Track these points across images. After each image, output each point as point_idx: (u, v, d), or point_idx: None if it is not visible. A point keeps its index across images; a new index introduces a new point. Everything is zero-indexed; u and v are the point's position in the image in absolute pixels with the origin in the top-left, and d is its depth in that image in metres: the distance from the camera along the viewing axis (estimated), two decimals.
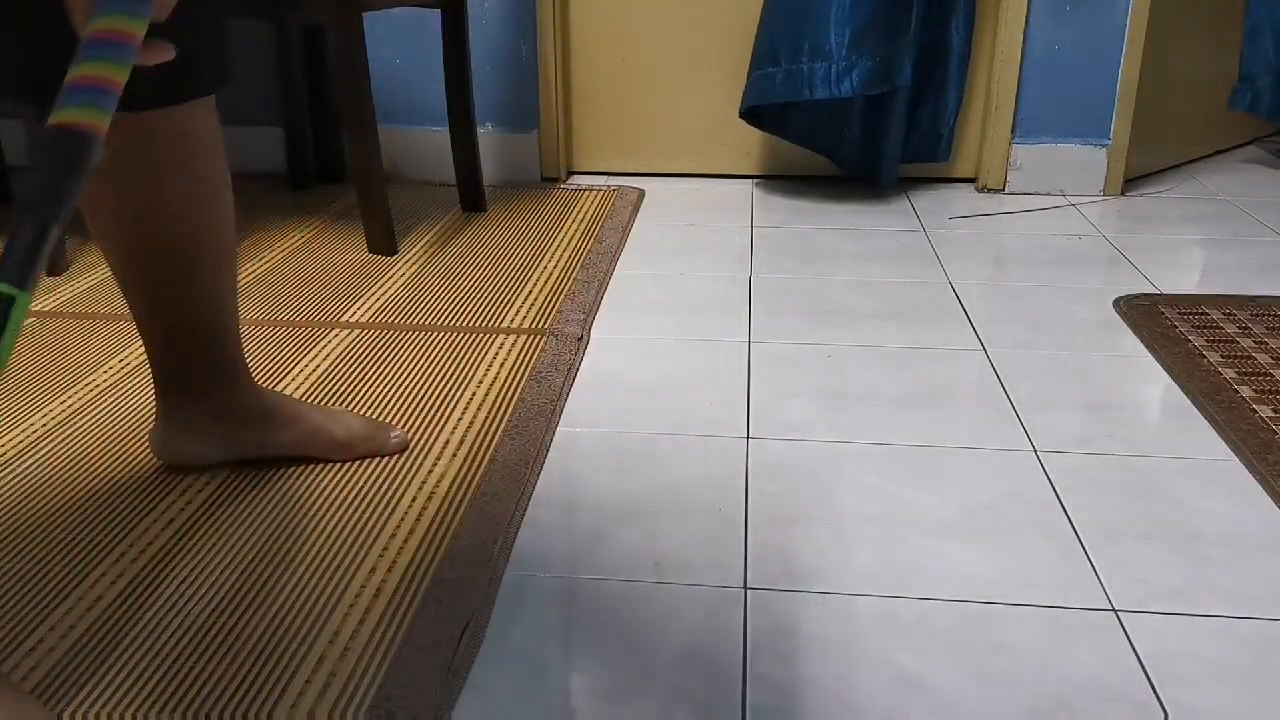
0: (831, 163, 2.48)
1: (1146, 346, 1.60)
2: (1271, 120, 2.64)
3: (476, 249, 2.05)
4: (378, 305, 1.76)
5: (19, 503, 1.17)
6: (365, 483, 1.21)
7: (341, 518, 1.15)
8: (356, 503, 1.18)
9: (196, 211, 1.10)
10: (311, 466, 1.24)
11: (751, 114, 2.34)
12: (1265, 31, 2.52)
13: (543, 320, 1.68)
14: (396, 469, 1.24)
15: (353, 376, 1.49)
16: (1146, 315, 1.71)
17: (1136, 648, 0.96)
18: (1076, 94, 2.40)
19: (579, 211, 2.28)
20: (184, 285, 1.12)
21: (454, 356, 1.55)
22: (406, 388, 1.45)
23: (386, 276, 1.90)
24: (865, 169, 2.42)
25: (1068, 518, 1.16)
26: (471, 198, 2.30)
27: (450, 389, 1.45)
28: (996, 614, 1.00)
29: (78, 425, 1.34)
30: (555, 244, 2.07)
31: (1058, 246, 2.08)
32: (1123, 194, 2.44)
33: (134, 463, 1.25)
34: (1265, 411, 1.38)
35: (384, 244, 2.01)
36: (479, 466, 1.25)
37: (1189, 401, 1.43)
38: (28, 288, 0.60)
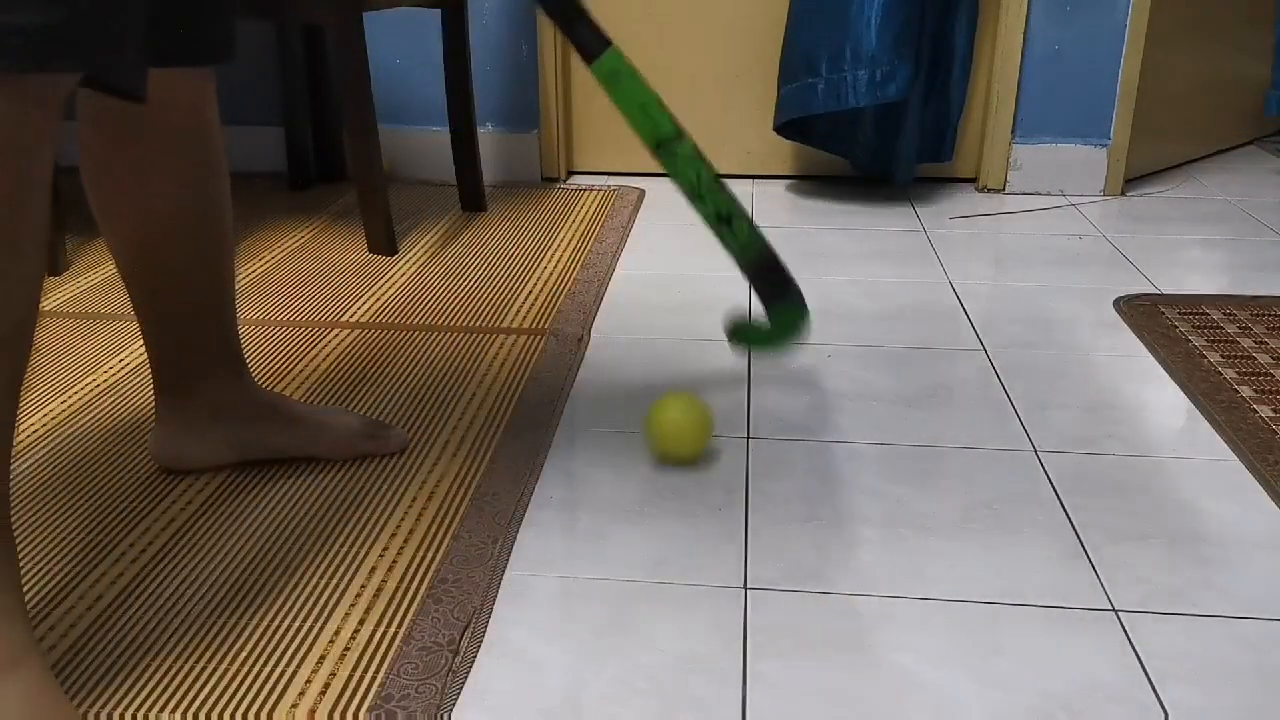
0: (837, 163, 2.48)
1: (1146, 346, 1.60)
2: None
3: (476, 249, 2.05)
4: (378, 305, 1.76)
5: (19, 502, 1.17)
6: (365, 483, 1.22)
7: (341, 518, 1.15)
8: (356, 503, 1.18)
9: (202, 195, 1.11)
10: (311, 466, 1.24)
11: (783, 127, 2.33)
12: None
13: (543, 320, 1.68)
14: (396, 469, 1.24)
15: (353, 376, 1.49)
16: (1146, 315, 1.71)
17: (1136, 648, 0.96)
18: (1076, 94, 2.40)
19: (579, 211, 2.28)
20: (187, 272, 1.13)
21: (454, 356, 1.55)
22: (406, 388, 1.46)
23: (386, 276, 1.90)
24: (881, 170, 2.41)
25: (1068, 518, 1.16)
26: (471, 198, 2.30)
27: (450, 389, 1.45)
28: (996, 614, 1.00)
29: (78, 425, 1.34)
30: (555, 244, 2.07)
31: (1058, 246, 2.08)
32: (1123, 194, 2.44)
33: (134, 463, 1.25)
34: (1265, 411, 1.38)
35: (384, 244, 2.01)
36: (479, 466, 1.25)
37: (1189, 401, 1.43)
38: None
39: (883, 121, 2.35)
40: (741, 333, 1.49)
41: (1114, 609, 1.01)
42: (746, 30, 2.45)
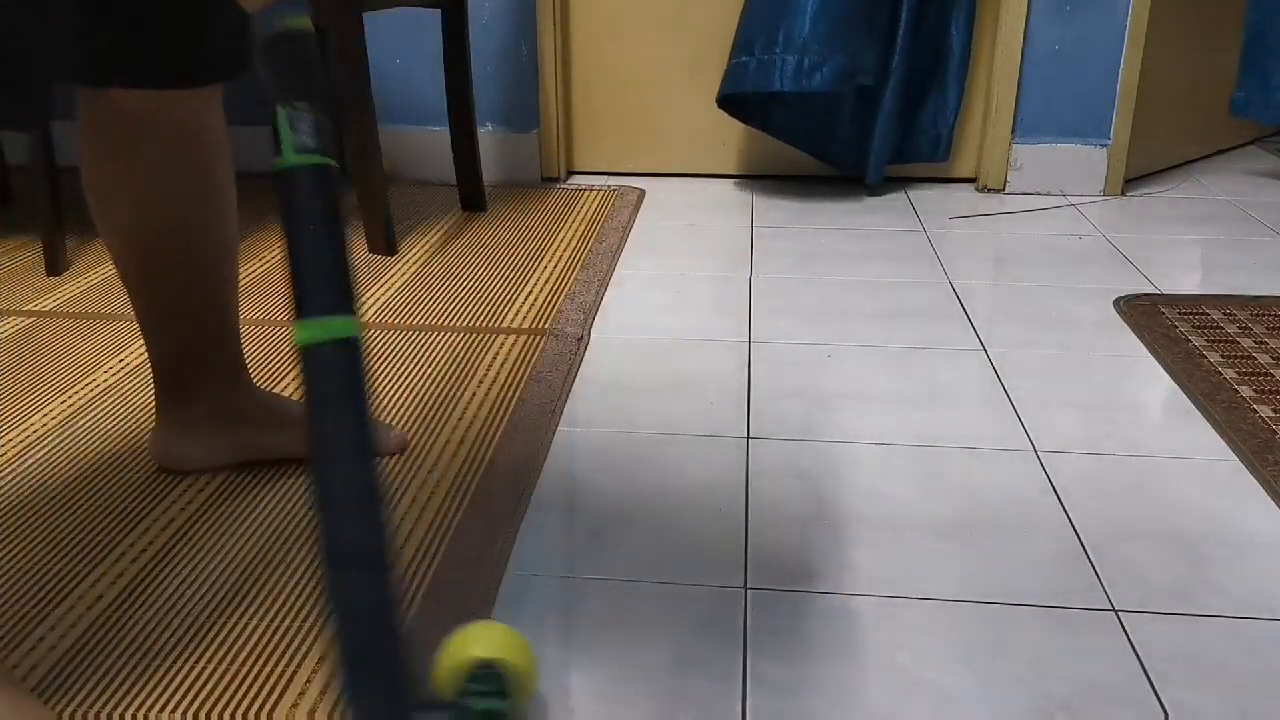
0: (823, 161, 2.48)
1: (1146, 346, 1.60)
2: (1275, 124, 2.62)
3: (476, 249, 2.05)
4: (378, 305, 1.76)
5: (19, 503, 1.17)
6: None
7: None
8: None
9: (203, 205, 1.11)
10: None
11: (732, 104, 2.34)
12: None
13: (543, 320, 1.68)
14: (396, 469, 1.24)
15: None
16: (1146, 315, 1.71)
17: (1136, 648, 0.96)
18: (1076, 94, 2.40)
19: (579, 211, 2.28)
20: (188, 280, 1.13)
21: (454, 356, 1.55)
22: (406, 388, 1.45)
23: (386, 276, 1.90)
24: (853, 167, 2.41)
25: (1068, 518, 1.16)
26: (471, 198, 2.30)
27: (450, 389, 1.45)
28: (996, 614, 1.00)
29: (78, 425, 1.34)
30: (555, 244, 2.07)
31: (1058, 246, 2.08)
32: (1123, 194, 2.44)
33: (134, 463, 1.25)
34: (1265, 411, 1.38)
35: (384, 244, 2.01)
36: (479, 466, 1.25)
37: (1189, 401, 1.43)
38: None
39: (855, 118, 2.35)
40: None
41: (1114, 609, 1.01)
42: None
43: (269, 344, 1.60)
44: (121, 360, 1.53)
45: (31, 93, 0.81)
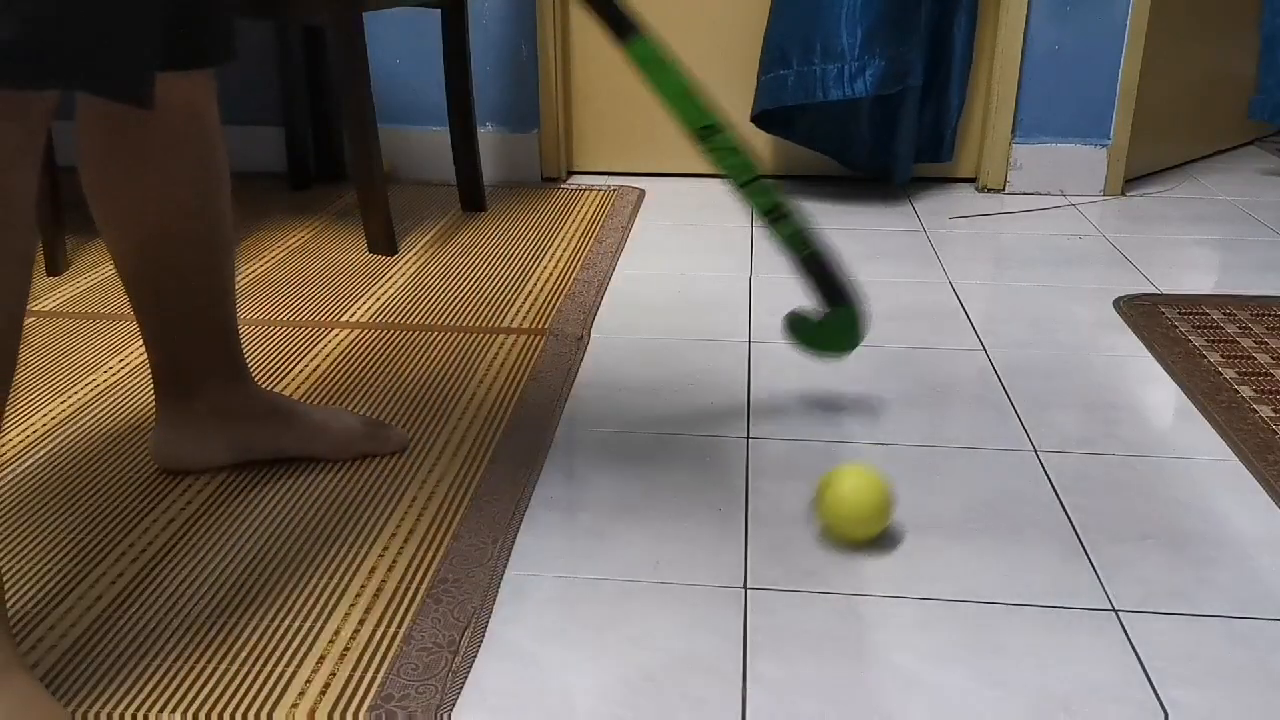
0: (837, 164, 2.47)
1: (1146, 346, 1.60)
2: None
3: (476, 249, 2.05)
4: (378, 305, 1.76)
5: (19, 502, 1.17)
6: (365, 483, 1.22)
7: (341, 518, 1.15)
8: (356, 503, 1.18)
9: (202, 196, 1.11)
10: (311, 466, 1.24)
11: (759, 117, 2.34)
12: None
13: (543, 320, 1.68)
14: (396, 469, 1.24)
15: (353, 376, 1.49)
16: (1146, 315, 1.71)
17: (1136, 648, 0.96)
18: (1076, 94, 2.40)
19: (579, 211, 2.28)
20: (188, 273, 1.13)
21: (454, 356, 1.55)
22: (406, 388, 1.46)
23: (386, 276, 1.90)
24: (877, 169, 2.41)
25: (1068, 518, 1.16)
26: (471, 198, 2.30)
27: (450, 389, 1.45)
28: (996, 614, 1.00)
29: (78, 425, 1.34)
30: (555, 244, 2.07)
31: (1058, 246, 2.09)
32: (1123, 194, 2.44)
33: (134, 463, 1.26)
34: (1265, 411, 1.38)
35: (384, 244, 2.01)
36: (479, 466, 1.25)
37: (1189, 401, 1.43)
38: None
39: (877, 120, 2.35)
40: (799, 330, 1.41)
41: (1114, 609, 1.01)
42: (748, 29, 2.44)
43: (269, 344, 1.60)
44: (121, 360, 1.53)
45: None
